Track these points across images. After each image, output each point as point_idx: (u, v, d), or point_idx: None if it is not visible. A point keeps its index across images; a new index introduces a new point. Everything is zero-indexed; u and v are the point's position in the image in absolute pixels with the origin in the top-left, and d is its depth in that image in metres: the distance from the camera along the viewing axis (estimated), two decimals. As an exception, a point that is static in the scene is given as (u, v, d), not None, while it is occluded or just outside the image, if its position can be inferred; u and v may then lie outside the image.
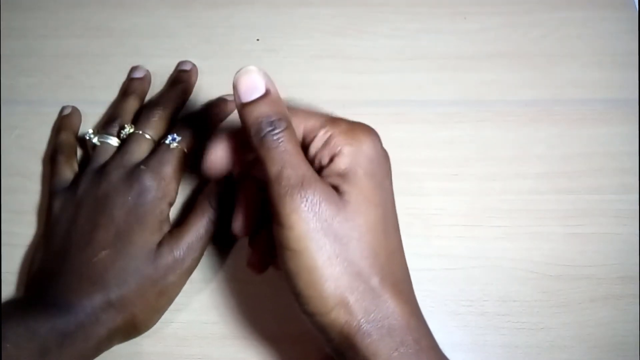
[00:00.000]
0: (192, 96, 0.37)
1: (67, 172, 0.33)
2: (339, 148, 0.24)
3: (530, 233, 0.33)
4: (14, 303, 0.31)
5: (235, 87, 0.24)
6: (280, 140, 0.23)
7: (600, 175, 0.35)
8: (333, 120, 0.25)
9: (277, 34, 0.40)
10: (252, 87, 0.24)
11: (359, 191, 0.24)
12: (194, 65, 0.38)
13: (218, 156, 0.26)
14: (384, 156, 0.26)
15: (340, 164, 0.24)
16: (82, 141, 0.36)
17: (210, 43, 0.40)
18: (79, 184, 0.31)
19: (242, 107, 0.24)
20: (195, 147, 0.33)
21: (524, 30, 0.40)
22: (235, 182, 0.29)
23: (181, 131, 0.32)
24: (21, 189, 0.35)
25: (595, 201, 0.34)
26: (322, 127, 0.25)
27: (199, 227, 0.30)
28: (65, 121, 0.36)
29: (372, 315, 0.23)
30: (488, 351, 0.31)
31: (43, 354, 0.26)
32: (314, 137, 0.25)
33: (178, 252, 0.29)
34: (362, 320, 0.23)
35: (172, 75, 0.38)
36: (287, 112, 0.24)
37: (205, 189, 0.31)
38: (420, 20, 0.41)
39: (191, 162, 0.33)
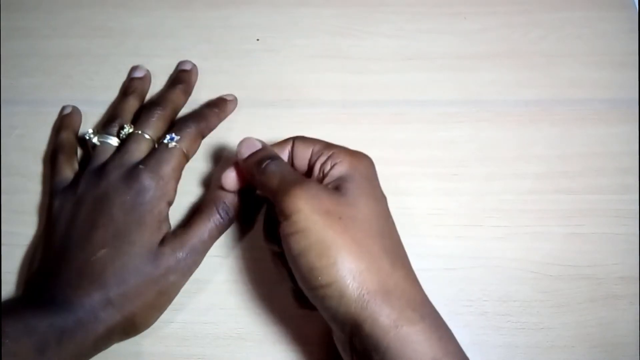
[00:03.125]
0: (192, 96, 0.37)
1: (68, 171, 0.33)
2: (340, 159, 0.28)
3: (530, 233, 0.33)
4: (13, 300, 0.31)
5: (238, 152, 0.29)
6: (277, 164, 0.28)
7: (600, 175, 0.35)
8: (336, 145, 0.29)
9: (277, 34, 0.40)
10: (250, 145, 0.29)
11: (357, 187, 0.27)
12: (194, 65, 0.38)
13: (230, 178, 0.31)
14: (377, 177, 0.29)
15: (341, 169, 0.27)
16: (83, 141, 0.36)
17: (210, 43, 0.40)
18: (78, 183, 0.31)
19: (245, 160, 0.29)
20: (195, 147, 0.33)
21: (524, 30, 0.40)
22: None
23: (180, 131, 0.32)
24: (21, 189, 0.35)
25: (595, 201, 0.34)
26: (327, 147, 0.29)
27: (204, 231, 0.30)
28: (65, 120, 0.36)
29: (390, 286, 0.24)
30: (488, 351, 0.31)
31: (41, 350, 0.26)
32: (320, 155, 0.28)
33: (181, 254, 0.29)
34: (379, 291, 0.24)
35: (172, 75, 0.38)
36: (277, 154, 0.29)
37: (213, 194, 0.32)
38: (420, 20, 0.41)
39: (190, 162, 0.33)
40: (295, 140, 0.30)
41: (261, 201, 0.33)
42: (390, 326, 0.23)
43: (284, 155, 0.30)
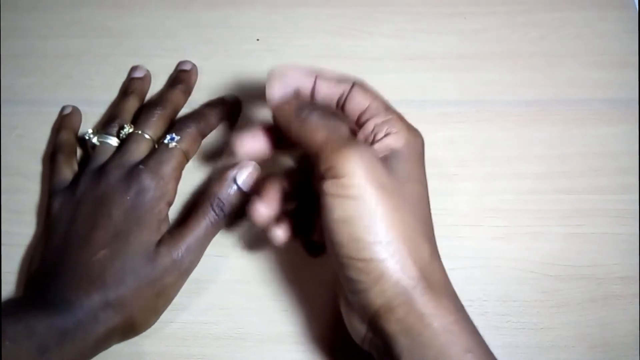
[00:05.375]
0: (192, 96, 0.37)
1: (67, 171, 0.33)
2: (397, 130, 0.26)
3: (530, 233, 0.33)
4: (13, 301, 0.31)
5: (268, 89, 0.27)
6: (320, 115, 0.25)
7: (600, 175, 0.35)
8: (395, 111, 0.27)
9: (277, 34, 0.40)
10: (284, 85, 0.27)
11: (410, 166, 0.26)
12: (194, 65, 0.38)
13: (250, 141, 0.28)
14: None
15: (396, 141, 0.26)
16: (82, 141, 0.36)
17: (210, 43, 0.40)
18: (78, 183, 0.31)
19: (278, 106, 0.27)
20: (195, 147, 0.33)
21: (523, 30, 0.40)
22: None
23: (181, 131, 0.32)
24: (21, 189, 0.35)
25: (595, 201, 0.34)
26: (386, 110, 0.27)
27: (199, 229, 0.30)
28: (65, 121, 0.36)
29: (428, 274, 0.24)
30: (488, 351, 0.31)
31: (42, 352, 0.26)
32: (376, 114, 0.26)
33: (177, 254, 0.29)
34: (419, 277, 0.23)
35: (172, 75, 0.38)
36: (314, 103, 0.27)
37: (207, 191, 0.31)
38: (420, 20, 0.40)
39: (190, 162, 0.33)
40: (355, 84, 0.27)
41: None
42: (426, 314, 0.23)
43: (335, 95, 0.27)
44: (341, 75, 0.27)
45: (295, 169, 0.30)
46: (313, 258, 0.31)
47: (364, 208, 0.23)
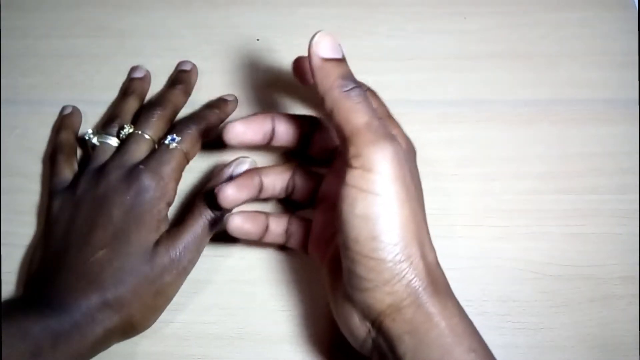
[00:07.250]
0: (192, 96, 0.37)
1: (67, 171, 0.33)
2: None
3: (530, 233, 0.33)
4: (10, 303, 0.31)
5: (316, 44, 0.25)
6: (365, 97, 0.25)
7: (600, 175, 0.35)
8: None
9: (277, 34, 0.40)
10: (334, 47, 0.25)
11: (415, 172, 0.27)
12: (194, 65, 0.38)
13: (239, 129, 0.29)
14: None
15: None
16: (82, 141, 0.36)
17: (210, 43, 0.40)
18: (78, 183, 0.31)
19: (325, 61, 0.25)
20: (195, 148, 0.33)
21: (523, 30, 0.40)
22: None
23: (181, 132, 0.32)
24: (21, 189, 0.35)
25: (595, 201, 0.34)
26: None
27: (196, 227, 0.30)
28: (65, 121, 0.36)
29: (435, 275, 0.24)
30: (488, 351, 0.31)
31: (35, 354, 0.26)
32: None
33: (174, 252, 0.29)
34: (427, 279, 0.24)
35: (172, 75, 0.38)
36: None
37: (204, 190, 0.31)
38: (420, 20, 0.40)
39: (191, 163, 0.33)
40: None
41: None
42: (434, 314, 0.23)
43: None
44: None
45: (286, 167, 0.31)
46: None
47: (386, 207, 0.23)
